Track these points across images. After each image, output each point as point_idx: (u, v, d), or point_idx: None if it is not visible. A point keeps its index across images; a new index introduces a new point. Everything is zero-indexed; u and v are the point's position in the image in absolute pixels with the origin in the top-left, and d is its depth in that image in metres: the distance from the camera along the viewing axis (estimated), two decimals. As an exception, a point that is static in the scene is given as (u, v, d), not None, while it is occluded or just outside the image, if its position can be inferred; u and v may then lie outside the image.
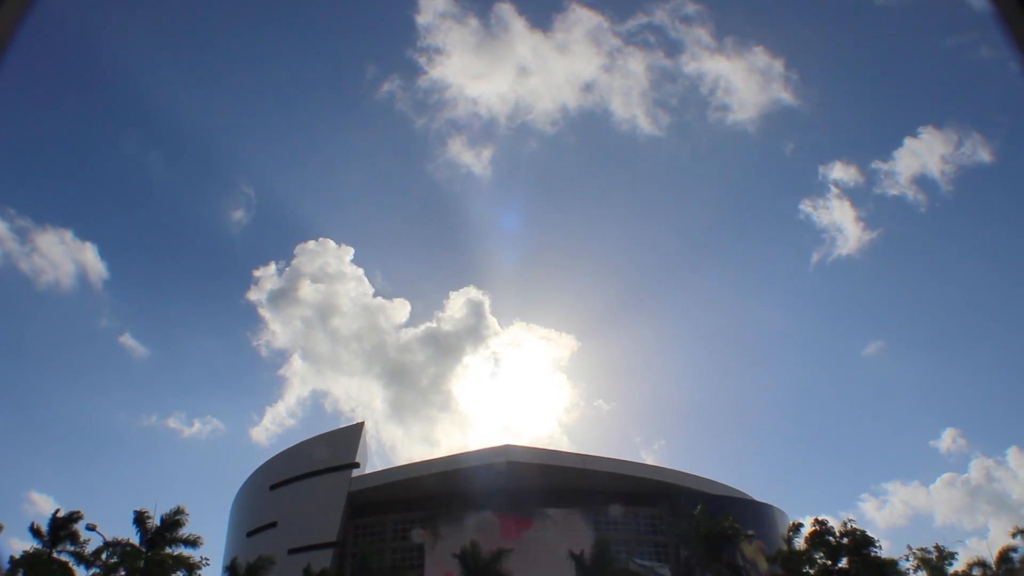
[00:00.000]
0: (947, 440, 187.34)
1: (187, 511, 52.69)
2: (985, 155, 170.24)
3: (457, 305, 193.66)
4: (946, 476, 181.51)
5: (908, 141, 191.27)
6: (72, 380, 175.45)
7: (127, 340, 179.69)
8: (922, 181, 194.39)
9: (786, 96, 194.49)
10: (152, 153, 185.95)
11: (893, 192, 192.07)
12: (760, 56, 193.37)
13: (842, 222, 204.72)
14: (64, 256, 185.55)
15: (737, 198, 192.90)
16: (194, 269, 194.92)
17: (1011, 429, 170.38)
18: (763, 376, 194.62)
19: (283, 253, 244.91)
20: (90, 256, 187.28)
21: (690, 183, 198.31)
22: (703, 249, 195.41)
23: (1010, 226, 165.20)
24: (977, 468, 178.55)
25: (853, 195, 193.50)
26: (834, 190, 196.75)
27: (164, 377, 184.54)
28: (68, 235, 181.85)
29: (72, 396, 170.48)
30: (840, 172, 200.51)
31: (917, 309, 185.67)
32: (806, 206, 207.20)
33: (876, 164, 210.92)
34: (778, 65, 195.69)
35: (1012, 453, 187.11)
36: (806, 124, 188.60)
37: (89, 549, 47.83)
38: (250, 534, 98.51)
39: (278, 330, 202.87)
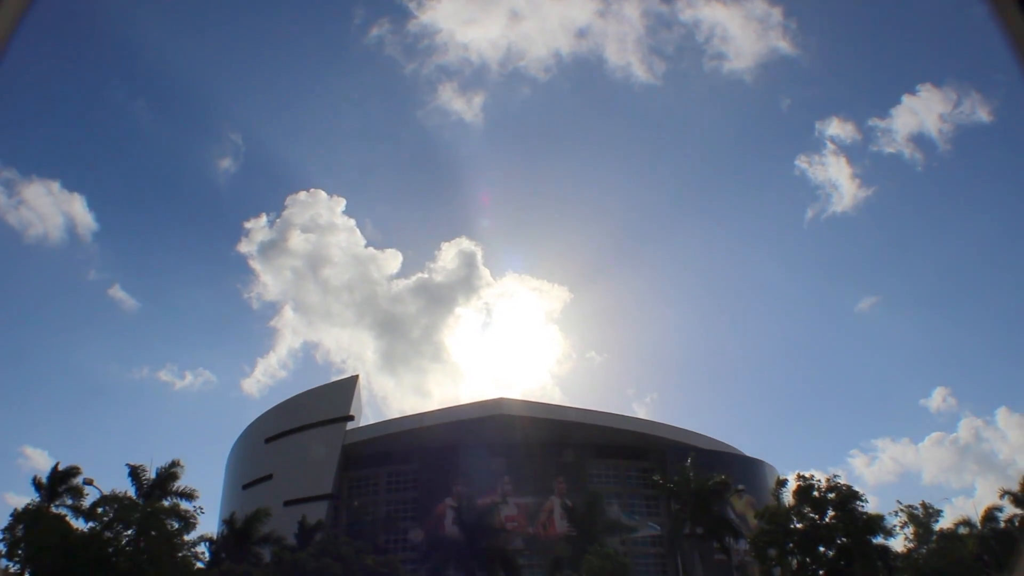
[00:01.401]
0: (937, 399, 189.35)
1: (182, 463, 53.26)
2: (984, 114, 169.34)
3: (449, 256, 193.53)
4: (935, 435, 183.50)
5: (906, 99, 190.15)
6: (62, 333, 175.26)
7: (117, 292, 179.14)
8: (919, 139, 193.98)
9: (784, 45, 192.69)
10: (137, 101, 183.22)
11: (890, 150, 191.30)
12: (758, 3, 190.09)
13: (838, 179, 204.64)
14: (52, 208, 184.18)
15: (732, 150, 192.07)
16: (184, 220, 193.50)
17: (1001, 389, 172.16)
18: (755, 330, 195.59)
19: (274, 204, 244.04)
20: (78, 207, 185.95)
21: (685, 133, 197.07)
22: (697, 201, 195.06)
23: (1007, 187, 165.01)
24: (966, 427, 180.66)
25: (849, 152, 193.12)
26: (830, 146, 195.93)
27: (155, 329, 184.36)
28: (55, 186, 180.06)
29: (63, 349, 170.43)
30: (837, 128, 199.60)
31: (911, 267, 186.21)
32: (802, 162, 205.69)
33: (873, 121, 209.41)
34: (776, 14, 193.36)
35: (1001, 413, 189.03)
36: (804, 77, 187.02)
37: (86, 503, 48.44)
38: (246, 487, 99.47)
39: (269, 282, 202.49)
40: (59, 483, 52.28)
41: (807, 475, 55.04)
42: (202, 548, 54.46)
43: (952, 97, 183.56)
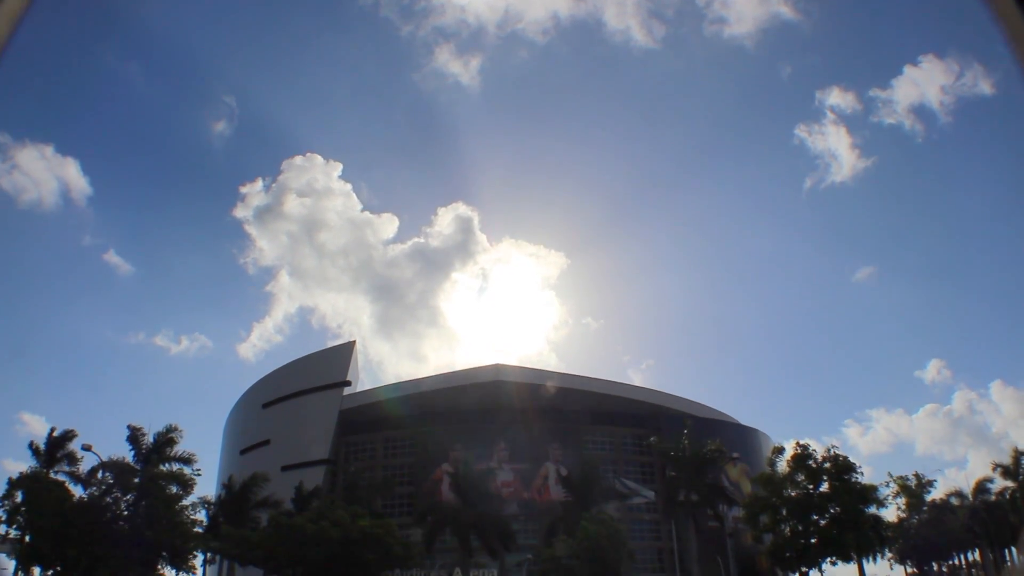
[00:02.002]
0: (932, 371, 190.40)
1: (180, 428, 53.43)
2: (986, 87, 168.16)
3: (446, 221, 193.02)
4: (929, 406, 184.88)
5: (908, 69, 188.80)
6: (57, 299, 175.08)
7: (112, 257, 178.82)
8: (920, 111, 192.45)
9: (786, 11, 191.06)
10: (130, 64, 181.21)
11: (890, 121, 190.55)
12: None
13: (837, 149, 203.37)
14: (46, 172, 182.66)
15: (731, 118, 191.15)
16: (179, 184, 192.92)
17: (996, 363, 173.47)
18: (752, 298, 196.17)
19: (270, 169, 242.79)
20: (72, 172, 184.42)
21: (684, 99, 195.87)
22: (695, 168, 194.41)
23: (1007, 160, 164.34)
24: (960, 400, 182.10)
25: (849, 122, 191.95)
26: (830, 116, 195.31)
27: (150, 294, 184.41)
28: (49, 151, 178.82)
29: (58, 315, 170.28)
30: (837, 98, 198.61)
31: (909, 239, 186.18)
32: (801, 131, 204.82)
33: (874, 92, 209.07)
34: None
35: (995, 387, 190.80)
36: (805, 44, 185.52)
37: (84, 469, 48.65)
38: (244, 452, 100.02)
39: (265, 247, 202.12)
40: (56, 448, 52.46)
41: (805, 443, 55.49)
42: (200, 514, 54.86)
43: (954, 69, 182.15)
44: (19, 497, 43.21)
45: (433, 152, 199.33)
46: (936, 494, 58.02)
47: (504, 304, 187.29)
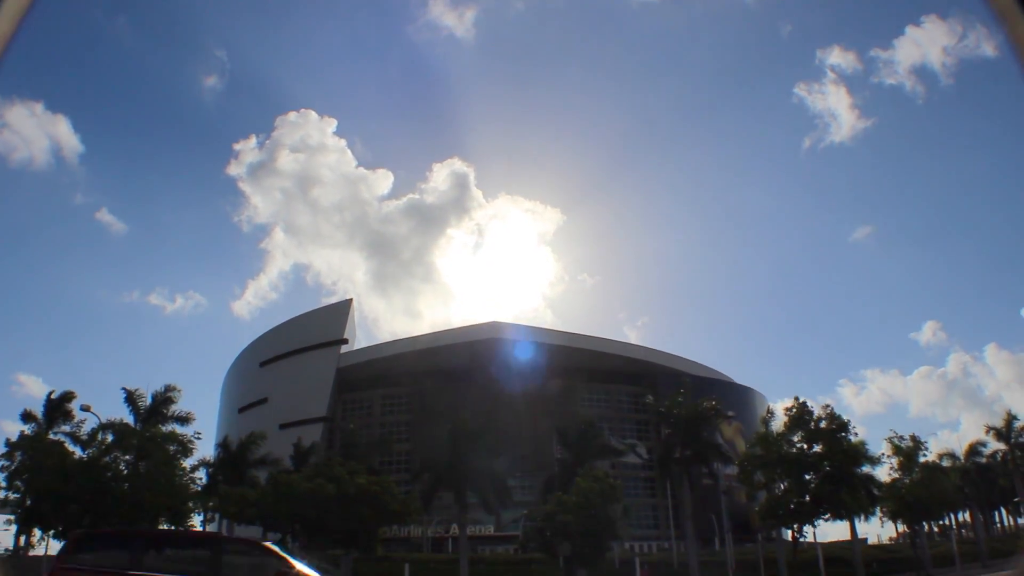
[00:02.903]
0: (928, 333, 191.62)
1: (179, 388, 53.52)
2: (988, 49, 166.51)
3: (441, 177, 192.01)
4: (924, 368, 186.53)
5: (910, 30, 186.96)
6: (50, 258, 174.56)
7: (104, 216, 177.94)
8: (921, 72, 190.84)
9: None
10: (118, 18, 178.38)
11: (891, 81, 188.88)
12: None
13: (837, 108, 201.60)
14: (36, 130, 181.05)
15: (730, 75, 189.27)
16: (171, 141, 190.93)
17: (992, 326, 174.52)
18: (748, 256, 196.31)
19: (263, 126, 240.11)
20: (63, 129, 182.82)
21: (682, 54, 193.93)
22: (693, 125, 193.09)
23: (1007, 123, 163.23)
24: (955, 362, 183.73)
25: (850, 81, 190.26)
26: (831, 75, 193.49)
27: (143, 253, 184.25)
28: (39, 108, 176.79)
29: (51, 275, 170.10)
30: (838, 57, 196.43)
31: (908, 200, 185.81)
32: (801, 90, 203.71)
33: (875, 52, 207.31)
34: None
35: (990, 350, 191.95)
36: (806, 3, 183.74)
37: (84, 430, 48.82)
38: (242, 410, 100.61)
39: (259, 204, 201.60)
40: (55, 410, 52.61)
41: (803, 400, 55.77)
42: (200, 474, 55.15)
43: (957, 30, 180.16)
44: (18, 458, 43.50)
45: (428, 107, 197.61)
46: (928, 456, 58.53)
47: (500, 260, 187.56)
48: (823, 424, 53.39)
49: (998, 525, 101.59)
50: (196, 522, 50.53)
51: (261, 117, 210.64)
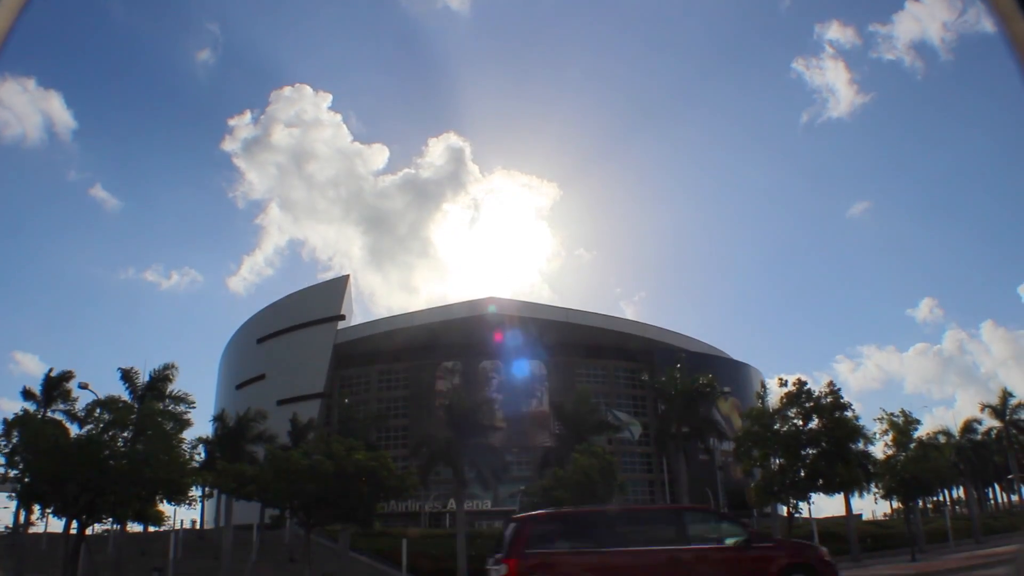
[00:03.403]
0: (924, 309, 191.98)
1: (177, 366, 53.43)
2: (988, 25, 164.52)
3: (437, 151, 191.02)
4: (920, 345, 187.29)
5: (910, 4, 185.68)
6: (45, 235, 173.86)
7: (98, 192, 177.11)
8: (921, 47, 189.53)
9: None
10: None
11: (890, 56, 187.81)
12: None
13: (835, 83, 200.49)
14: (29, 106, 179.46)
15: (728, 49, 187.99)
16: (165, 116, 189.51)
17: (988, 303, 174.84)
18: (745, 231, 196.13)
19: (258, 101, 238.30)
20: (56, 105, 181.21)
21: (680, 28, 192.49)
22: (690, 99, 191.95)
23: (1006, 100, 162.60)
24: (951, 339, 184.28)
25: (849, 56, 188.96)
26: (829, 50, 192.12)
27: (138, 230, 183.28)
28: (31, 84, 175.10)
29: (46, 252, 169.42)
30: (837, 32, 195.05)
31: (905, 176, 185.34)
32: (799, 64, 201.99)
33: (875, 26, 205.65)
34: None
35: (987, 327, 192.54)
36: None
37: (80, 407, 48.79)
38: (239, 387, 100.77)
39: (254, 179, 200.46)
40: (53, 388, 52.60)
41: (803, 379, 55.81)
42: (199, 450, 55.18)
43: (957, 5, 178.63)
44: (16, 437, 43.45)
45: (424, 81, 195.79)
46: (923, 431, 58.82)
47: (496, 235, 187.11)
48: (827, 400, 53.18)
49: (992, 502, 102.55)
50: (195, 496, 50.38)
51: (255, 92, 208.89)
